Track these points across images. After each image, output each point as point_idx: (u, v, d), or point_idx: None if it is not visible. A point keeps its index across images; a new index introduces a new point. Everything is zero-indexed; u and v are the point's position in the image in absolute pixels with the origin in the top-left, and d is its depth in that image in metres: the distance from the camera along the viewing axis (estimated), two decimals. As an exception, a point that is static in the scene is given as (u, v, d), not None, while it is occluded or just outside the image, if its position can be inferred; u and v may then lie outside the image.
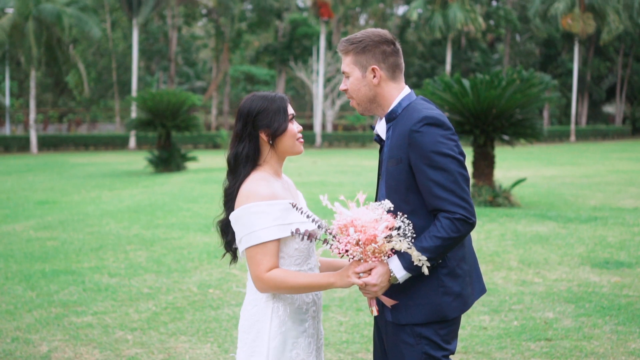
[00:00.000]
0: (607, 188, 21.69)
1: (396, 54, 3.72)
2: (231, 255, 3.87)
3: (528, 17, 61.20)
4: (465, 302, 3.63)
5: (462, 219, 3.44)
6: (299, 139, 3.75)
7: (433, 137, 3.47)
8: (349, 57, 3.71)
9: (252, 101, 3.70)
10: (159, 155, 30.43)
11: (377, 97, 3.70)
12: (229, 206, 3.71)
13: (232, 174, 3.71)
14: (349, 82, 3.73)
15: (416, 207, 3.54)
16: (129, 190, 22.12)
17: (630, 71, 67.03)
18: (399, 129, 3.60)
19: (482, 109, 16.57)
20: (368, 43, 3.67)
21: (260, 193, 3.54)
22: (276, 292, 3.55)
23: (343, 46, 3.74)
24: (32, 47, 45.21)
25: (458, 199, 3.44)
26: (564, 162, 34.22)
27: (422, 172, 3.48)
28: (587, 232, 12.75)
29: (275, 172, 3.73)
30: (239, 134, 3.69)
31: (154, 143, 43.16)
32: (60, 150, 51.33)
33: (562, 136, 59.72)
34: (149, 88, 41.18)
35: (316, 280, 3.53)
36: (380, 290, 3.48)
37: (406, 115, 3.61)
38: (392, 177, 3.61)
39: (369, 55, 3.67)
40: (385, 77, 3.68)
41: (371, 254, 3.39)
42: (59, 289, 9.20)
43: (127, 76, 59.86)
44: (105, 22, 59.54)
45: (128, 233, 13.61)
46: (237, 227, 3.59)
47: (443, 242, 3.42)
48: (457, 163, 3.48)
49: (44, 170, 32.08)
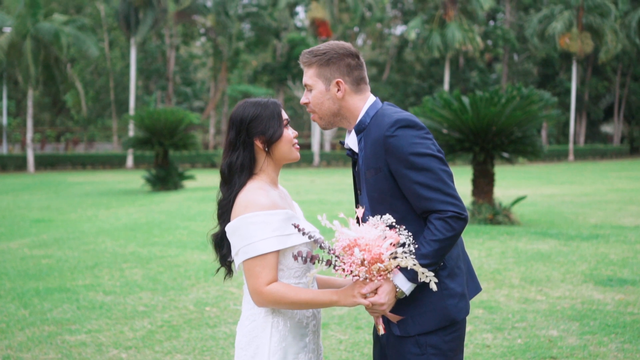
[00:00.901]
0: (607, 206, 21.55)
1: (360, 67, 3.61)
2: (226, 269, 3.71)
3: (526, 37, 61.26)
4: (467, 302, 3.54)
5: (454, 216, 3.33)
6: (295, 145, 3.60)
7: (408, 139, 3.37)
8: (311, 70, 3.58)
9: (244, 108, 3.55)
10: (156, 174, 30.27)
11: (341, 111, 3.59)
12: (223, 219, 3.55)
13: (227, 184, 3.55)
14: (311, 95, 3.60)
15: (404, 213, 3.43)
16: (126, 209, 21.96)
17: (627, 91, 67.06)
18: (371, 138, 3.48)
19: (481, 126, 16.44)
20: (332, 55, 3.55)
21: (260, 202, 3.38)
22: (275, 307, 3.39)
23: (306, 58, 3.59)
24: (30, 66, 45.14)
25: (446, 197, 3.34)
26: (563, 181, 34.11)
27: (404, 176, 3.37)
28: (589, 249, 12.60)
29: (272, 180, 3.58)
30: (233, 142, 3.53)
31: (151, 162, 43.02)
32: (58, 170, 51.18)
33: (560, 155, 59.64)
34: (146, 107, 41.00)
35: (318, 297, 3.37)
36: (388, 308, 3.36)
37: (376, 123, 3.49)
38: (373, 188, 3.49)
39: (334, 68, 3.55)
40: (349, 91, 3.57)
41: (376, 272, 3.26)
42: (53, 306, 9.03)
43: (125, 95, 59.79)
44: (103, 41, 59.52)
45: (124, 251, 13.45)
46: (233, 239, 3.43)
47: (441, 244, 3.31)
48: (437, 161, 3.38)
49: (41, 189, 31.91)
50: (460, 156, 17.97)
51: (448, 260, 3.46)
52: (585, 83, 64.43)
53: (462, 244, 3.63)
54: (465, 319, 3.56)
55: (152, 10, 51.15)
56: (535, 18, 57.50)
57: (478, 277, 5.91)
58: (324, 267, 3.30)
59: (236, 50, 63.16)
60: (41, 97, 59.39)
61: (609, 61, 61.04)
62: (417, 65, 67.93)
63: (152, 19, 51.54)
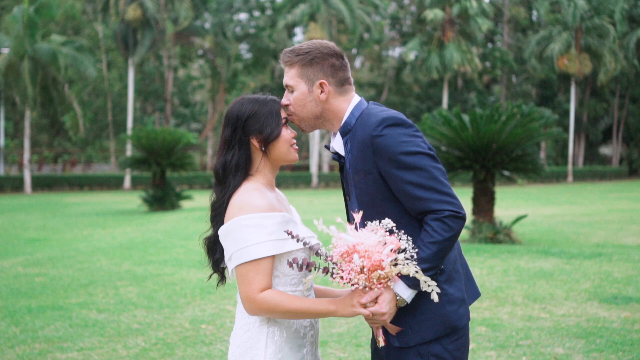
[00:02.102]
0: (608, 226, 21.35)
1: (345, 67, 3.42)
2: (219, 276, 3.51)
3: (524, 59, 61.29)
4: (467, 307, 3.35)
5: (451, 215, 3.15)
6: (294, 146, 3.39)
7: (397, 137, 3.19)
8: (293, 70, 3.39)
9: (241, 104, 3.36)
10: (153, 194, 30.07)
11: (324, 113, 3.40)
12: (216, 221, 3.34)
13: (221, 184, 3.34)
14: (293, 96, 3.40)
15: (397, 217, 3.23)
16: (122, 228, 21.74)
17: (626, 112, 67.03)
18: (357, 139, 3.29)
19: (482, 144, 16.26)
20: (316, 55, 3.37)
21: (256, 204, 3.17)
22: (268, 315, 3.17)
23: (287, 57, 3.40)
24: (27, 87, 45.02)
25: (441, 195, 3.16)
26: (562, 202, 33.92)
27: (395, 177, 3.19)
28: (592, 267, 12.38)
29: (269, 182, 3.38)
30: (228, 140, 3.33)
31: (149, 183, 42.86)
32: (55, 191, 50.96)
33: (559, 177, 59.49)
34: (144, 126, 40.85)
35: (315, 307, 3.15)
36: (390, 318, 3.16)
37: (362, 124, 3.30)
38: (363, 192, 3.30)
39: (317, 68, 3.36)
40: (333, 93, 3.38)
41: (376, 280, 3.06)
42: (45, 324, 8.81)
43: (123, 116, 59.70)
44: (101, 62, 59.49)
45: (119, 269, 13.23)
46: (226, 243, 3.22)
47: (440, 245, 3.13)
48: (429, 158, 3.20)
49: (37, 210, 31.69)
50: (459, 176, 17.79)
51: (445, 264, 3.28)
52: (584, 105, 64.41)
53: (458, 246, 3.45)
54: (468, 325, 3.37)
55: (150, 31, 51.14)
56: (534, 39, 57.54)
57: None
58: (320, 274, 3.10)
59: (234, 72, 63.14)
60: (39, 118, 59.28)
61: (608, 83, 61.02)
62: (415, 87, 67.92)
63: (150, 40, 51.51)
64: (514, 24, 66.75)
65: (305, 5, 52.58)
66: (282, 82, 3.45)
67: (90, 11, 60.42)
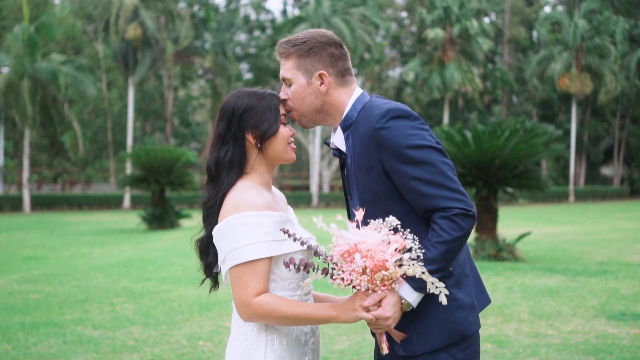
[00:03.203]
0: (611, 245, 21.11)
1: (345, 57, 3.21)
2: (211, 281, 3.28)
3: (524, 79, 61.24)
4: (477, 313, 3.12)
5: (461, 214, 2.93)
6: (291, 144, 3.18)
7: (402, 130, 2.98)
8: (290, 61, 3.18)
9: (237, 97, 3.14)
10: (152, 213, 29.83)
11: (325, 106, 3.18)
12: (209, 221, 3.12)
13: (213, 182, 3.12)
14: (291, 90, 3.19)
15: (402, 215, 3.00)
16: (120, 247, 21.50)
17: (627, 133, 66.87)
18: (360, 133, 3.07)
19: (484, 160, 16.05)
20: (314, 45, 3.16)
21: (252, 202, 2.96)
22: (264, 321, 2.94)
23: (283, 48, 3.20)
24: (27, 105, 44.84)
25: (450, 192, 2.94)
26: (564, 221, 33.68)
27: (400, 172, 2.97)
28: (599, 284, 12.15)
29: (265, 182, 3.15)
30: (222, 135, 3.12)
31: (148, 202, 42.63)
32: (54, 210, 50.69)
33: (560, 197, 59.22)
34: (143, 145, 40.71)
35: (314, 312, 2.93)
36: (394, 323, 2.93)
37: (364, 116, 3.09)
38: (365, 189, 3.08)
39: (315, 58, 3.16)
40: (334, 84, 3.17)
41: (380, 282, 2.83)
42: (38, 341, 8.57)
43: (123, 136, 59.54)
44: (101, 81, 59.42)
45: (116, 286, 12.99)
46: (220, 243, 2.99)
47: (448, 245, 2.91)
48: (437, 153, 2.98)
49: (36, 228, 31.42)
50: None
51: (454, 267, 3.06)
52: (585, 125, 64.27)
53: (467, 249, 3.22)
54: (478, 333, 3.15)
55: (150, 50, 51.07)
56: (535, 59, 57.45)
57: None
58: (319, 276, 2.88)
59: (235, 92, 62.99)
60: (39, 138, 59.15)
61: (608, 103, 60.89)
62: (416, 106, 67.79)
63: (151, 59, 51.42)
64: (515, 44, 66.77)
65: (306, 24, 52.50)
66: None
67: (91, 31, 60.41)
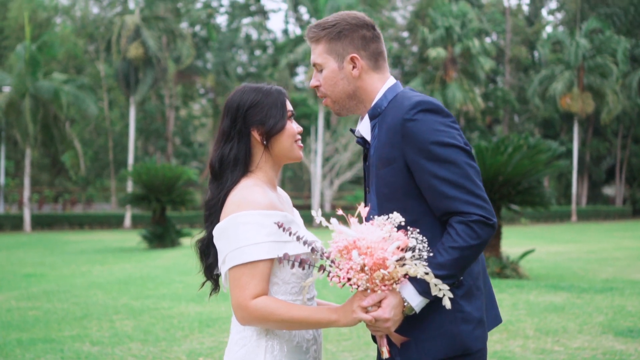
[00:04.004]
0: (616, 263, 20.95)
1: (378, 39, 3.05)
2: (212, 284, 3.14)
3: (526, 98, 61.25)
4: (485, 330, 2.91)
5: (480, 221, 2.75)
6: (298, 142, 3.05)
7: (431, 124, 2.82)
8: (320, 46, 3.03)
9: (242, 93, 3.01)
10: (153, 231, 29.69)
11: (357, 92, 3.03)
12: (211, 221, 2.98)
13: (217, 180, 2.99)
14: (322, 75, 3.05)
15: (418, 215, 2.85)
16: (121, 265, 21.33)
17: (629, 153, 66.75)
18: (387, 123, 2.91)
19: (488, 176, 15.89)
20: (344, 27, 3.01)
21: (256, 200, 2.82)
22: (262, 325, 2.80)
23: (313, 33, 3.05)
24: (28, 124, 44.79)
25: (471, 197, 2.77)
26: (568, 240, 33.52)
27: (422, 169, 2.80)
28: (604, 301, 11.99)
29: (270, 181, 3.02)
30: (227, 131, 2.99)
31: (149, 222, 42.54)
32: (55, 229, 50.55)
33: (563, 216, 59.03)
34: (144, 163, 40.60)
35: (314, 316, 2.78)
36: (394, 326, 2.75)
37: (394, 107, 2.93)
38: (383, 183, 2.91)
39: (346, 41, 3.01)
40: (367, 68, 3.02)
41: (380, 281, 2.68)
42: (35, 357, 8.43)
43: (124, 155, 59.45)
44: (103, 100, 59.43)
45: (116, 303, 12.83)
46: (220, 243, 2.86)
47: (462, 252, 2.73)
48: (464, 154, 2.82)
49: (36, 247, 31.26)
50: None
51: (466, 277, 2.87)
52: (586, 144, 64.19)
53: (483, 262, 3.04)
54: (484, 350, 2.93)
55: (151, 69, 51.10)
56: (536, 78, 57.44)
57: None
58: (319, 275, 2.74)
59: (236, 111, 63.00)
60: (40, 158, 59.08)
61: (610, 122, 60.83)
62: (417, 126, 67.70)
63: (152, 79, 51.45)
64: (516, 63, 66.80)
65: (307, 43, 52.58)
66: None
67: (92, 50, 60.51)
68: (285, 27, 64.08)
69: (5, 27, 56.68)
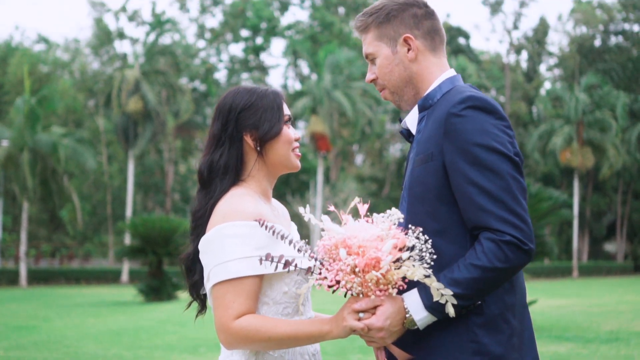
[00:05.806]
0: (620, 315, 20.56)
1: (432, 16, 2.72)
2: (199, 304, 2.84)
3: (526, 153, 61.26)
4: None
5: (513, 243, 2.35)
6: (295, 150, 2.75)
7: (479, 123, 2.44)
8: (370, 34, 2.72)
9: (235, 94, 2.73)
10: (149, 284, 29.32)
11: (413, 78, 2.68)
12: (197, 233, 2.67)
13: (205, 189, 2.71)
14: (377, 66, 2.71)
15: (447, 225, 2.48)
16: (115, 317, 20.95)
17: (629, 208, 66.52)
18: (434, 117, 2.56)
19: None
20: (392, 8, 2.68)
21: (245, 210, 2.53)
22: (248, 347, 2.48)
23: (360, 21, 2.73)
24: (27, 177, 44.61)
25: (509, 214, 2.37)
26: (570, 294, 33.10)
27: (460, 172, 2.43)
28: (610, 352, 11.64)
29: (264, 191, 2.72)
30: (217, 135, 2.71)
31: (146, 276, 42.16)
32: (51, 284, 50.07)
33: (564, 272, 58.59)
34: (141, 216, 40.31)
35: (304, 329, 2.45)
36: (390, 337, 2.39)
37: (445, 100, 2.57)
38: (417, 182, 2.55)
39: (396, 22, 2.68)
40: (422, 48, 2.68)
41: (374, 285, 2.33)
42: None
43: (122, 210, 59.16)
44: (102, 155, 59.34)
45: (106, 353, 12.47)
46: (205, 257, 2.56)
47: (483, 273, 2.34)
48: (510, 164, 2.43)
49: (30, 300, 30.81)
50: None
51: (490, 306, 2.46)
52: (587, 199, 64.01)
53: (523, 295, 2.62)
54: None
55: (151, 123, 51.13)
56: (536, 133, 57.50)
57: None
58: (303, 277, 2.45)
59: (235, 166, 62.95)
60: (39, 213, 58.80)
61: (610, 178, 60.73)
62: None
63: (151, 133, 51.44)
64: (516, 118, 66.93)
65: (307, 98, 52.64)
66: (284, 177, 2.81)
67: (92, 105, 60.63)
68: (285, 82, 64.30)
69: (5, 82, 56.88)
